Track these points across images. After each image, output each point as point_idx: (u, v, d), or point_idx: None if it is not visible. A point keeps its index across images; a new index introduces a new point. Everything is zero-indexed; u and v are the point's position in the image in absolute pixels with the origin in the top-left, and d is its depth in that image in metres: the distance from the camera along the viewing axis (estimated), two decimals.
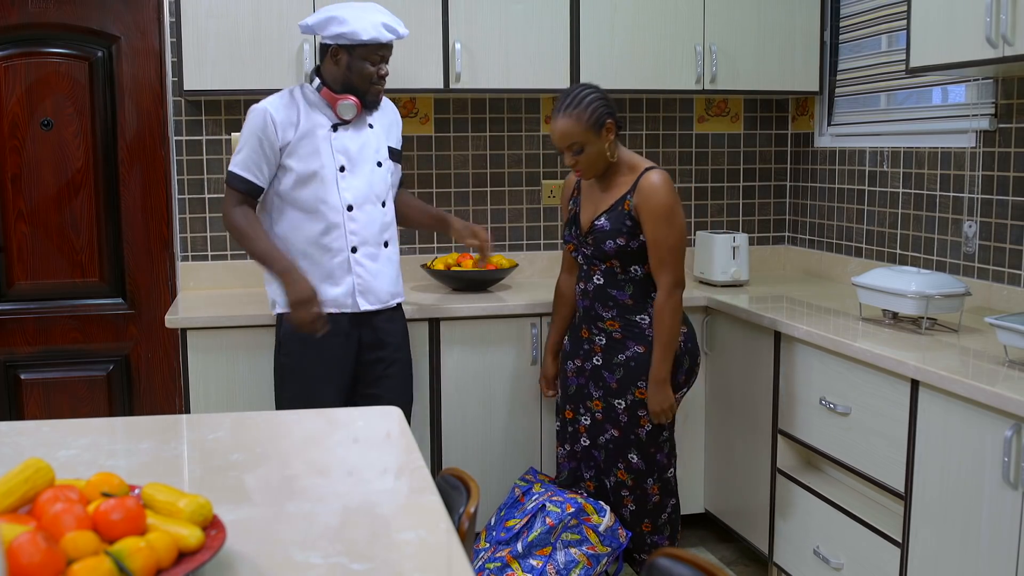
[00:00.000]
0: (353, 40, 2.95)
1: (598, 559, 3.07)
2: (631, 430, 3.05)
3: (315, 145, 3.01)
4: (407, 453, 1.95)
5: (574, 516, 3.07)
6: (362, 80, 3.01)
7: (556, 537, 3.07)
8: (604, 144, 2.95)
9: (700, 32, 3.87)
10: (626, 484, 3.10)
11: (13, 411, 3.96)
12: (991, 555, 2.32)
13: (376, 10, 3.03)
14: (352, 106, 3.02)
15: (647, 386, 2.99)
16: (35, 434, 2.07)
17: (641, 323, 3.01)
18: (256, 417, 2.34)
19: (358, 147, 3.07)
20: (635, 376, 3.01)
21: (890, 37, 3.77)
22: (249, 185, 3.01)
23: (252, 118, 3.00)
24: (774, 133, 4.40)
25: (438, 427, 3.55)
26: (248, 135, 3.00)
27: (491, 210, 4.16)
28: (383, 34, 2.97)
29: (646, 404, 3.01)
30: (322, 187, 3.01)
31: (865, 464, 2.80)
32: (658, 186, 2.93)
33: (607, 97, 2.99)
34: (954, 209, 3.41)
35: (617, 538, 3.09)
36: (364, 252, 3.07)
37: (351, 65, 2.99)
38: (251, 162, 3.00)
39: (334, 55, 3.01)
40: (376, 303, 3.10)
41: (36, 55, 3.84)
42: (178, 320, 3.35)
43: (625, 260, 3.00)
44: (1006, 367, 2.47)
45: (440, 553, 1.47)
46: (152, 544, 1.28)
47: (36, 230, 3.89)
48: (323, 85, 3.04)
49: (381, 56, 3.02)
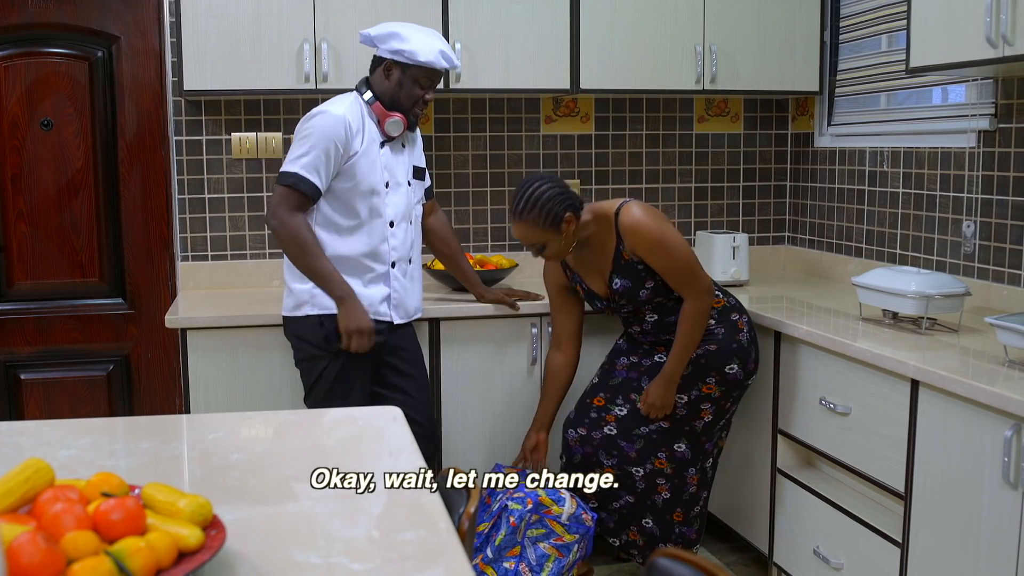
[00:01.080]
0: (411, 60, 2.98)
1: (568, 548, 3.06)
2: (688, 421, 3.09)
3: (373, 159, 3.02)
4: (407, 453, 1.95)
5: (534, 511, 3.06)
6: (408, 100, 3.03)
7: (522, 536, 3.06)
8: (565, 236, 2.98)
9: (700, 32, 3.87)
10: (664, 472, 3.12)
11: (13, 411, 3.96)
12: (991, 555, 2.32)
13: (437, 37, 3.07)
14: (400, 124, 3.04)
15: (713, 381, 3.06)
16: (35, 434, 2.07)
17: (712, 329, 3.07)
18: (256, 417, 2.35)
19: (397, 165, 3.10)
20: (705, 371, 3.06)
21: (890, 37, 3.77)
22: (314, 190, 2.95)
23: (327, 122, 2.94)
24: (774, 133, 4.40)
25: (438, 426, 3.55)
26: (319, 138, 2.92)
27: (491, 210, 4.16)
28: (440, 61, 3.00)
29: (712, 397, 3.06)
30: (378, 200, 3.03)
31: (865, 464, 2.80)
32: (637, 221, 2.97)
33: (561, 185, 2.99)
34: (954, 209, 3.41)
35: (583, 523, 3.08)
36: (399, 268, 3.12)
37: (402, 83, 3.01)
38: (320, 165, 2.93)
39: (387, 70, 3.02)
40: (404, 317, 3.17)
41: (36, 55, 3.84)
42: (178, 320, 3.35)
43: (665, 292, 3.07)
44: (1006, 367, 2.47)
45: (440, 553, 1.47)
46: (152, 544, 1.28)
47: (36, 230, 3.89)
48: (375, 99, 3.05)
49: (432, 81, 3.04)
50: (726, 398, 3.12)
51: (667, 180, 4.31)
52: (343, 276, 3.00)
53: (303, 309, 3.06)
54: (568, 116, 4.19)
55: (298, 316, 3.08)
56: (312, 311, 3.05)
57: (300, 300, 3.07)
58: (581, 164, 4.22)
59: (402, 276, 3.13)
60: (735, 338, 3.07)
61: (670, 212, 4.32)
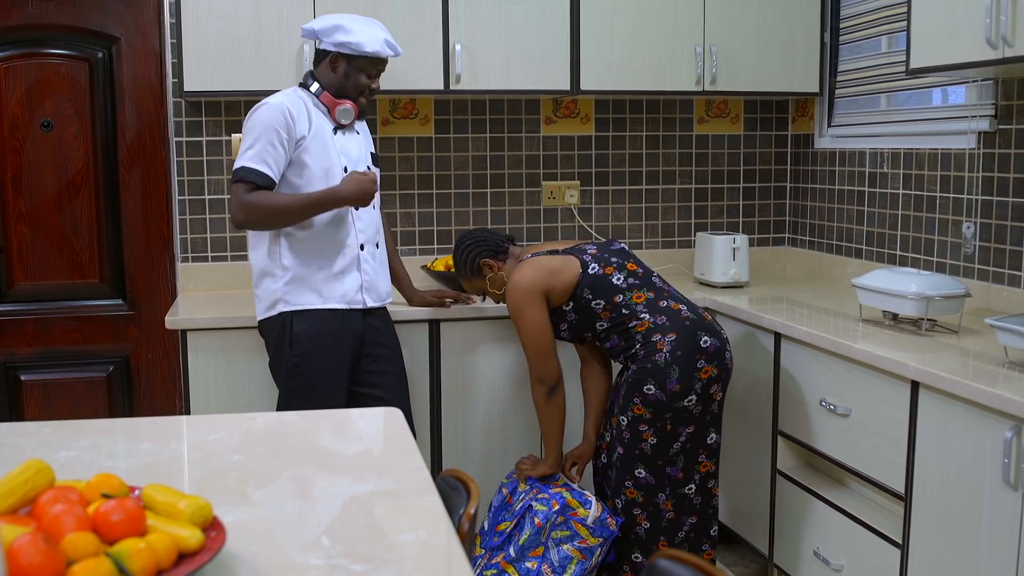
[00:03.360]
0: (356, 51, 3.02)
1: (591, 552, 3.06)
2: (635, 445, 3.02)
3: (324, 143, 3.04)
4: (407, 454, 1.95)
5: (560, 513, 3.06)
6: (355, 90, 3.07)
7: (546, 536, 3.06)
8: (495, 280, 3.22)
9: (700, 33, 3.87)
10: (636, 501, 3.06)
11: (13, 412, 3.96)
12: (991, 557, 2.32)
13: (380, 27, 3.12)
14: (350, 111, 3.08)
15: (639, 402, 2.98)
16: (35, 435, 2.07)
17: (637, 351, 3.00)
18: (256, 418, 2.34)
19: (353, 149, 3.13)
20: (632, 392, 2.99)
21: (890, 38, 3.77)
22: (265, 179, 2.94)
23: (266, 113, 2.97)
24: (774, 134, 4.40)
25: (438, 428, 3.55)
26: (263, 129, 2.94)
27: (491, 211, 4.16)
28: (385, 50, 3.06)
29: (645, 419, 2.98)
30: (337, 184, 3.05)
31: (865, 465, 2.80)
32: (508, 289, 3.12)
33: (478, 237, 3.25)
34: (954, 210, 3.41)
35: (607, 527, 3.06)
36: (368, 251, 3.13)
37: (348, 74, 3.06)
38: (266, 155, 2.94)
39: (333, 62, 3.06)
40: (377, 300, 3.17)
41: (36, 56, 3.84)
42: (178, 321, 3.35)
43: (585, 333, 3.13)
44: (1006, 368, 2.47)
45: (440, 554, 1.47)
46: (152, 545, 1.28)
47: (36, 231, 3.89)
48: (322, 90, 3.08)
49: (377, 71, 3.10)
50: (658, 420, 2.97)
51: (667, 181, 4.31)
52: (316, 267, 3.03)
53: (276, 307, 3.06)
54: (568, 117, 4.19)
55: (272, 316, 3.07)
56: (285, 308, 3.04)
57: (273, 299, 3.06)
58: (581, 165, 4.22)
59: (372, 259, 3.14)
60: (651, 359, 2.96)
61: (670, 213, 4.32)
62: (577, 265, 3.09)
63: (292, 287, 3.03)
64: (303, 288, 3.03)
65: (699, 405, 2.99)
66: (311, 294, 3.03)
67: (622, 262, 3.13)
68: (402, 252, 3.99)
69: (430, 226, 4.11)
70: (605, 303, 3.06)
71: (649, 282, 3.12)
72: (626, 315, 3.04)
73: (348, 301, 3.08)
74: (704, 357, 2.97)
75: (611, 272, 3.08)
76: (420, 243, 4.11)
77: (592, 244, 3.21)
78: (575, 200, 4.22)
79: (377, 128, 4.00)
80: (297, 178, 3.01)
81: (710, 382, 2.99)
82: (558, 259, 3.12)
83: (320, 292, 3.04)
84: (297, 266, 3.03)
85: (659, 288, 3.11)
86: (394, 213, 4.05)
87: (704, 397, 2.99)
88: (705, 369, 2.98)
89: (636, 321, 3.03)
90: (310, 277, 3.03)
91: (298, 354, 3.03)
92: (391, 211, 4.04)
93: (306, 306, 3.03)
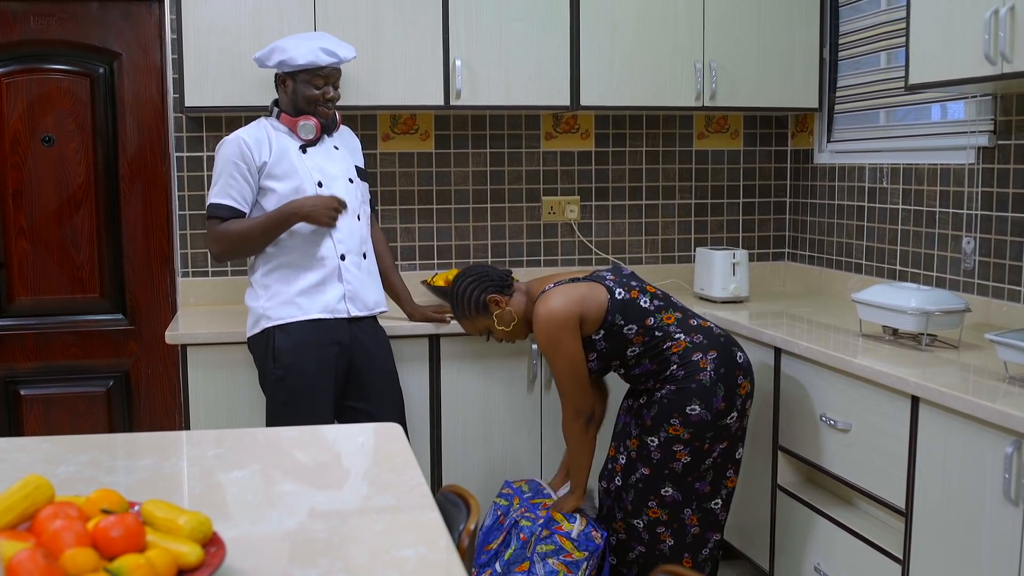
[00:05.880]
0: (292, 66, 3.08)
1: (577, 566, 3.03)
2: (665, 465, 2.96)
3: (291, 164, 3.09)
4: (407, 470, 1.94)
5: (544, 526, 3.04)
6: (308, 103, 3.12)
7: (531, 551, 3.04)
8: (502, 316, 3.09)
9: (700, 49, 3.89)
10: (660, 520, 3.01)
11: (13, 427, 3.95)
12: (992, 572, 2.31)
13: (318, 37, 3.15)
14: (311, 126, 3.12)
15: (678, 423, 2.91)
16: (35, 450, 2.07)
17: (674, 372, 2.94)
18: (256, 434, 2.34)
19: (330, 164, 3.16)
20: (668, 413, 2.93)
21: (889, 54, 3.79)
22: (231, 211, 3.05)
23: (226, 148, 3.07)
24: (774, 149, 4.41)
25: (438, 444, 3.55)
26: (224, 164, 3.06)
27: (491, 226, 4.17)
28: (321, 58, 3.08)
29: (682, 439, 2.92)
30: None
31: (866, 481, 2.79)
32: (539, 321, 2.96)
33: (480, 274, 3.11)
34: (953, 225, 3.41)
35: (592, 540, 3.04)
36: (351, 260, 3.13)
37: (296, 90, 3.11)
38: (231, 189, 3.05)
39: (282, 82, 3.15)
40: (364, 309, 3.17)
41: (38, 71, 3.85)
42: (178, 336, 3.35)
43: (613, 362, 3.03)
44: (1006, 383, 2.46)
45: (439, 570, 1.47)
46: (152, 561, 1.28)
47: (37, 246, 3.90)
48: (280, 112, 3.15)
49: (324, 79, 3.12)
50: (698, 439, 2.92)
51: (667, 196, 4.32)
52: (294, 281, 3.06)
53: (260, 324, 3.10)
54: (568, 133, 4.20)
55: (257, 333, 3.11)
56: (268, 324, 3.08)
57: (257, 316, 3.11)
58: (581, 180, 4.23)
59: (356, 269, 3.14)
60: (695, 378, 2.92)
61: (670, 228, 4.33)
62: (603, 291, 2.97)
63: (273, 303, 3.07)
64: (283, 303, 3.07)
65: (737, 421, 2.97)
66: (291, 307, 3.06)
67: (642, 285, 3.06)
68: (402, 267, 3.99)
69: (430, 241, 4.11)
70: (638, 327, 2.96)
71: (671, 302, 3.07)
72: (659, 337, 2.97)
73: (331, 311, 3.09)
74: (741, 373, 2.97)
75: (637, 296, 3.00)
76: (420, 258, 4.11)
77: (606, 270, 3.13)
78: (575, 215, 4.22)
79: (377, 143, 4.01)
80: (267, 203, 3.07)
81: (747, 397, 2.99)
82: (583, 286, 3.00)
83: (300, 305, 3.07)
84: (276, 282, 3.08)
85: (682, 307, 3.09)
86: (394, 228, 4.06)
87: (741, 413, 2.98)
88: (743, 385, 2.97)
89: (671, 342, 2.96)
90: (289, 291, 3.07)
91: (282, 367, 3.05)
92: (391, 226, 4.04)
93: (287, 319, 3.06)
